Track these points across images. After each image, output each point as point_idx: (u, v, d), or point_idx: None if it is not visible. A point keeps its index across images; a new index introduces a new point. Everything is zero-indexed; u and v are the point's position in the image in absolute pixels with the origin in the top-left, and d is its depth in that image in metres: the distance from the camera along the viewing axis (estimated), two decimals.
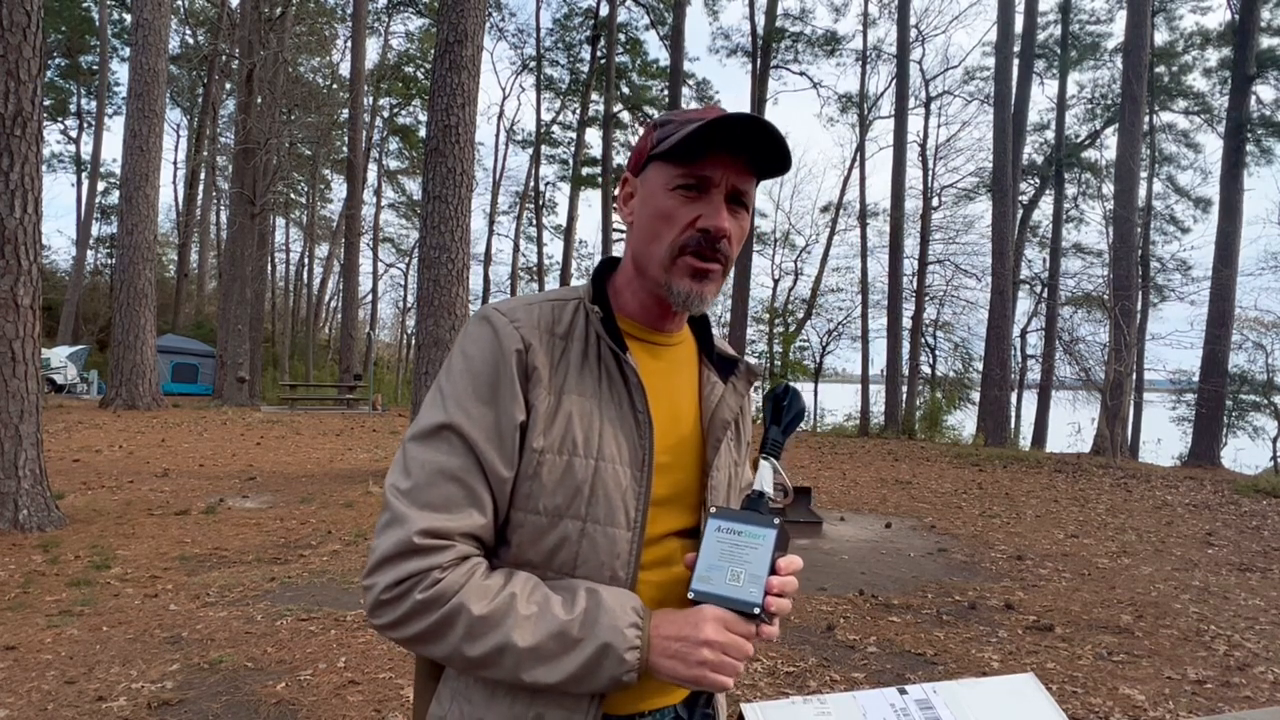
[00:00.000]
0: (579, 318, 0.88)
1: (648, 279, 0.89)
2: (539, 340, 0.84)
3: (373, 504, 6.88)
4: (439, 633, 0.76)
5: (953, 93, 29.02)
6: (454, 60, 8.12)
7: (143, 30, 13.92)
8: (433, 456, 0.80)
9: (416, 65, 31.21)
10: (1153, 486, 9.96)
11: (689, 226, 0.84)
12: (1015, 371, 21.98)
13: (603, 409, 0.84)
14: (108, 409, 13.71)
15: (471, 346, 0.84)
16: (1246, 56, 16.11)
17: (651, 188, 0.87)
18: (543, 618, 0.76)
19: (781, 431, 0.93)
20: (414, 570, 0.76)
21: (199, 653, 3.32)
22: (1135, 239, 15.42)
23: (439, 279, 8.15)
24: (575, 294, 0.91)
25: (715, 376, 0.96)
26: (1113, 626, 4.21)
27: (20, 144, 5.28)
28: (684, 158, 0.83)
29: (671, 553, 0.88)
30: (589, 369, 0.86)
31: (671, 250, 0.85)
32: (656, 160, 0.86)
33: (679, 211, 0.85)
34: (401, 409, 18.41)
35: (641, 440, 0.85)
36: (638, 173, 0.90)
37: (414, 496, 0.79)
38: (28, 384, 5.33)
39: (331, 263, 34.67)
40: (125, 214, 14.04)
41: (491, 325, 0.84)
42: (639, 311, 0.92)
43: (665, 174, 0.85)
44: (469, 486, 0.80)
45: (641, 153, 0.89)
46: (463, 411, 0.81)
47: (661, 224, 0.85)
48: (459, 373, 0.83)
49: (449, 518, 0.78)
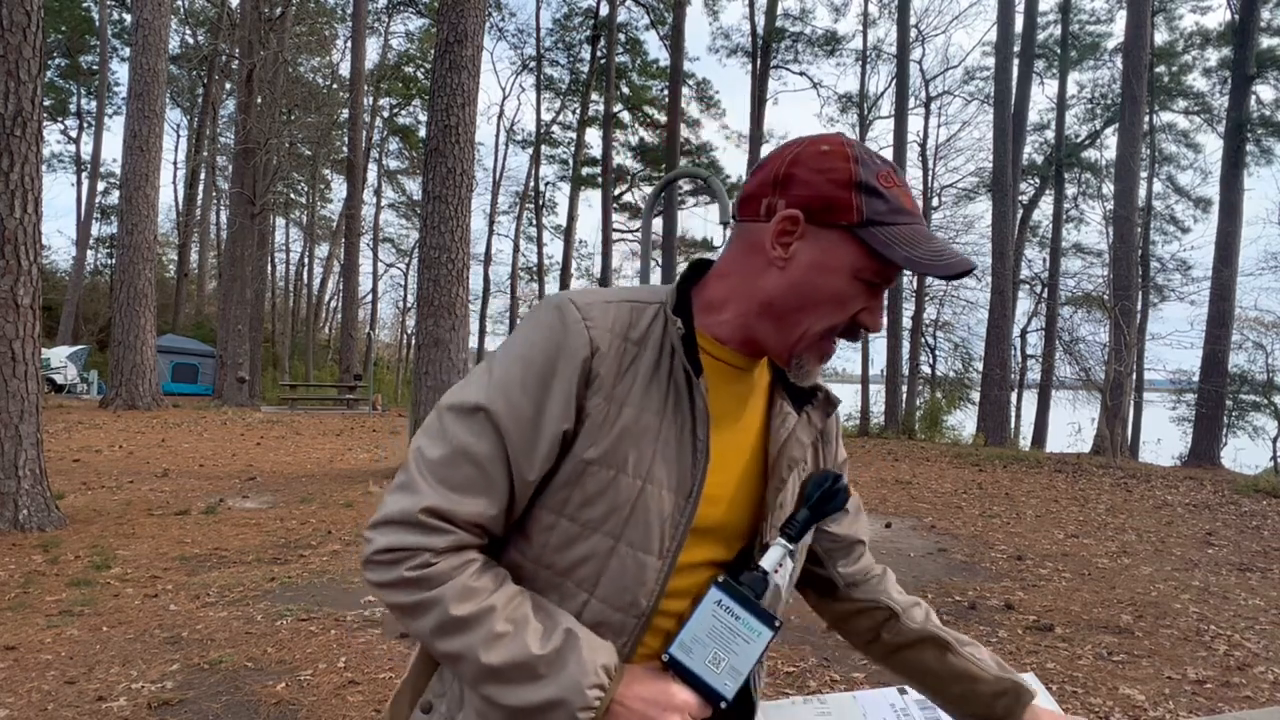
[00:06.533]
0: (657, 324, 0.83)
1: (770, 333, 0.83)
2: (609, 344, 0.79)
3: (373, 504, 6.88)
4: (413, 613, 0.76)
5: (953, 93, 29.09)
6: (454, 60, 8.12)
7: (143, 30, 13.92)
8: (463, 435, 0.78)
9: (416, 65, 31.24)
10: (1153, 486, 9.96)
11: (852, 316, 0.81)
12: (1015, 371, 21.98)
13: (662, 428, 0.80)
14: (108, 409, 13.71)
15: (536, 333, 0.80)
16: (1246, 56, 16.11)
17: (835, 262, 0.79)
18: (513, 641, 0.74)
19: (810, 517, 0.86)
20: (409, 544, 0.75)
21: (199, 653, 3.32)
22: (1135, 239, 15.42)
23: (439, 279, 8.15)
24: (658, 297, 0.85)
25: (788, 406, 0.90)
26: (1113, 626, 4.21)
27: (20, 144, 5.28)
28: (885, 259, 0.78)
29: (700, 584, 0.84)
30: (657, 383, 0.81)
31: (824, 331, 0.81)
32: (853, 236, 0.78)
33: (853, 301, 0.80)
34: (401, 409, 18.42)
35: (694, 469, 0.81)
36: (818, 222, 0.79)
37: (434, 470, 0.77)
38: (28, 384, 5.33)
39: (331, 263, 34.70)
40: (125, 214, 14.05)
41: (563, 318, 0.79)
42: (730, 338, 0.85)
43: (857, 259, 0.78)
44: (489, 475, 0.77)
45: (830, 202, 0.78)
46: (505, 399, 0.78)
47: (830, 306, 0.80)
48: (514, 357, 0.80)
49: (459, 500, 0.76)
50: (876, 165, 0.79)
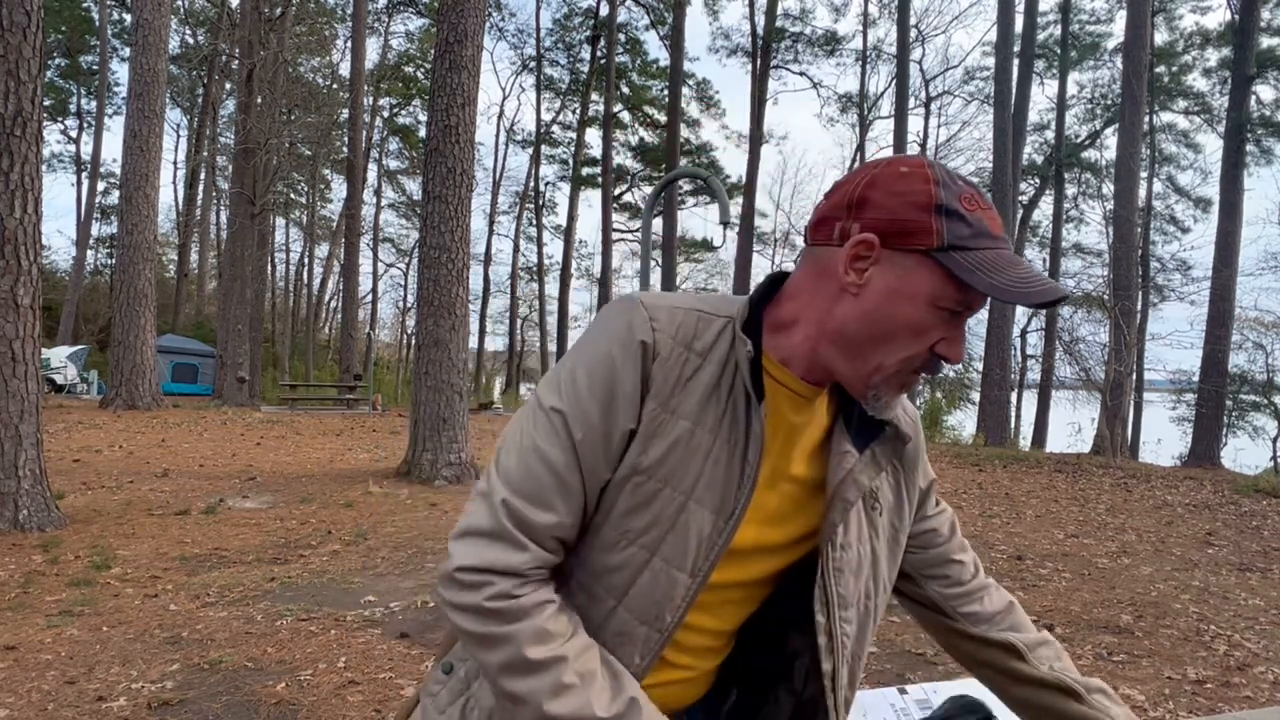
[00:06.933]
0: (724, 339, 0.80)
1: (842, 363, 0.79)
2: (670, 351, 0.78)
3: (372, 504, 6.88)
4: (482, 643, 0.75)
5: (953, 93, 29.01)
6: (454, 60, 8.13)
7: (143, 30, 13.92)
8: (539, 442, 0.77)
9: (416, 65, 31.25)
10: (1153, 486, 9.95)
11: (930, 347, 0.77)
12: (1015, 371, 21.99)
13: (714, 447, 0.78)
14: (108, 409, 13.71)
15: (603, 334, 0.79)
16: (1246, 56, 16.10)
17: (912, 289, 0.74)
18: (579, 696, 0.73)
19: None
20: (492, 564, 0.74)
21: (199, 653, 3.32)
22: (1135, 239, 15.41)
23: (439, 279, 8.15)
24: (729, 311, 0.82)
25: (848, 444, 0.85)
26: (1113, 626, 4.21)
27: (20, 144, 5.28)
28: (968, 286, 0.73)
29: (725, 601, 0.85)
30: (715, 399, 0.78)
31: (901, 363, 0.77)
32: (933, 261, 0.73)
33: (931, 331, 0.76)
34: (401, 409, 18.41)
35: (739, 493, 0.79)
36: (895, 246, 0.74)
37: (512, 479, 0.77)
38: (28, 384, 5.33)
39: (331, 263, 34.70)
40: (125, 214, 14.04)
41: (630, 320, 0.78)
42: (798, 363, 0.81)
43: (937, 286, 0.74)
44: (565, 482, 0.76)
45: (909, 226, 0.73)
46: (575, 402, 0.77)
47: (907, 335, 0.76)
48: (583, 358, 0.79)
49: (538, 511, 0.76)
50: (959, 187, 0.75)
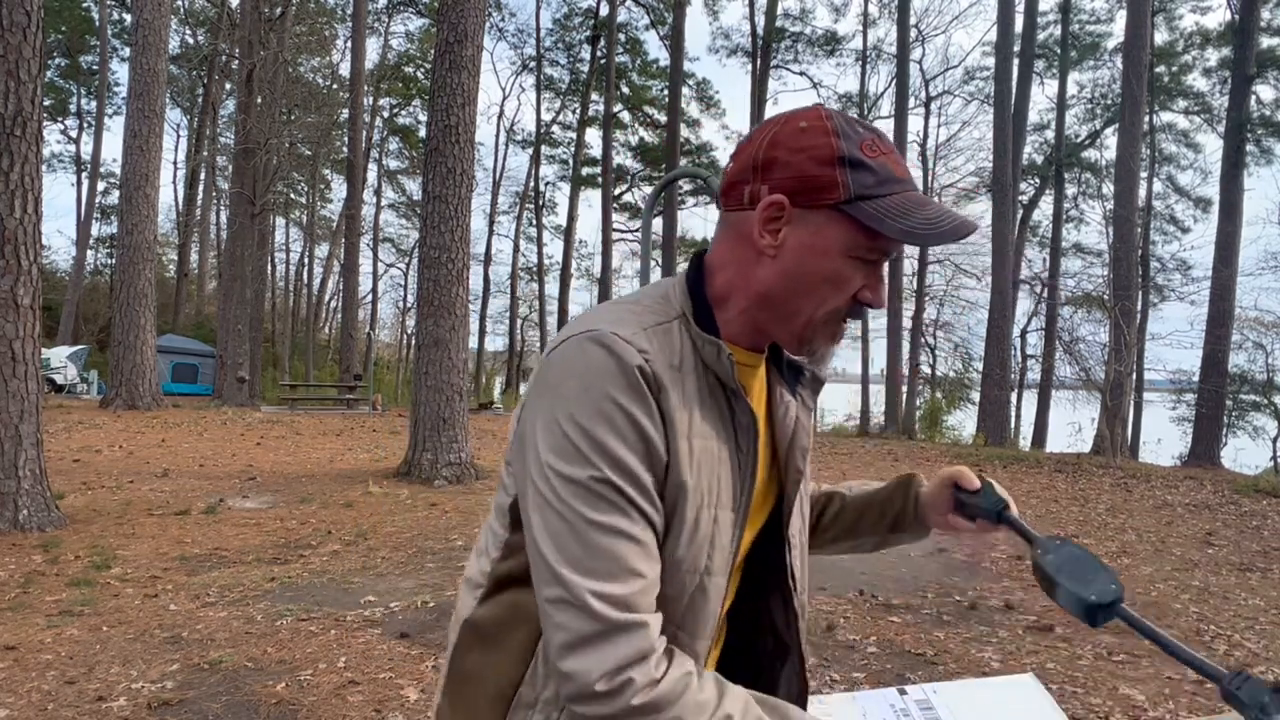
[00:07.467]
0: (685, 341, 0.78)
1: (775, 324, 0.80)
2: (668, 377, 0.74)
3: (372, 504, 6.88)
4: None
5: (953, 93, 28.95)
6: (454, 60, 8.13)
7: (143, 30, 13.92)
8: (595, 513, 0.70)
9: (416, 65, 31.24)
10: (1153, 486, 9.95)
11: (853, 296, 0.78)
12: (1015, 371, 21.98)
13: (718, 449, 0.78)
14: (108, 409, 13.70)
15: (593, 378, 0.71)
16: (1246, 56, 16.10)
17: (825, 244, 0.75)
18: None
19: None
20: (623, 661, 0.67)
21: (199, 653, 3.32)
22: (1135, 239, 15.41)
23: (439, 279, 8.15)
24: (672, 312, 0.79)
25: (786, 394, 0.88)
26: (1113, 626, 4.21)
27: (20, 144, 5.28)
28: (878, 233, 0.74)
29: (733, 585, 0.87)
30: (708, 407, 0.77)
31: (827, 315, 0.78)
32: (841, 214, 0.74)
33: (851, 280, 0.76)
34: (401, 409, 18.41)
35: (743, 481, 0.79)
36: (804, 204, 0.75)
37: (579, 567, 0.69)
38: (28, 384, 5.33)
39: (331, 263, 34.67)
40: (125, 214, 14.04)
41: (618, 358, 0.71)
42: (743, 335, 0.82)
43: (848, 238, 0.74)
44: (639, 541, 0.71)
45: (814, 182, 0.74)
46: (614, 462, 0.70)
47: (828, 289, 0.77)
48: (586, 411, 0.71)
49: (620, 584, 0.69)
50: (860, 135, 0.74)
